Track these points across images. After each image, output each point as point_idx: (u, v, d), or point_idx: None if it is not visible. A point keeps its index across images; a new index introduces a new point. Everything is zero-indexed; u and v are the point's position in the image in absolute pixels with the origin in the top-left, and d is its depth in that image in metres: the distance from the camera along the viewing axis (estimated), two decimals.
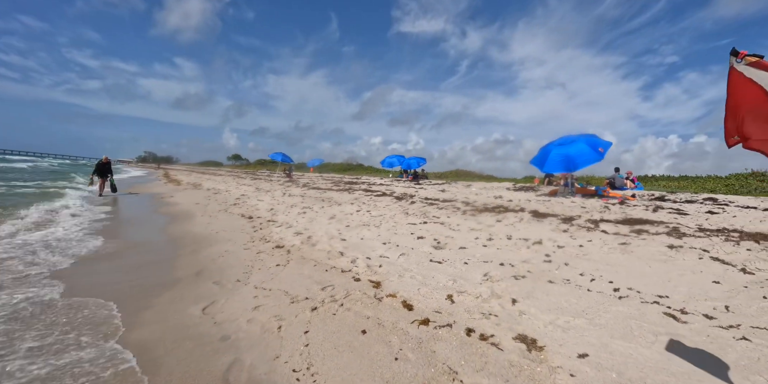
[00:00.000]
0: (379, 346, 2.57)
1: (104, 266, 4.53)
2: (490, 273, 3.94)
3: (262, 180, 22.93)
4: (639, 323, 2.78)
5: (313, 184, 18.03)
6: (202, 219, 8.00)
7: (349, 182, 19.13)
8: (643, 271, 3.94)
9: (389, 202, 9.66)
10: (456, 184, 16.57)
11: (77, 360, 2.45)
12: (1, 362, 2.40)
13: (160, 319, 3.09)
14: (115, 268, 4.44)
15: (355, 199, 10.45)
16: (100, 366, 2.39)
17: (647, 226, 5.82)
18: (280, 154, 23.51)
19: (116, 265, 4.60)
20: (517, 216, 6.84)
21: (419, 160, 23.04)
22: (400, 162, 24.28)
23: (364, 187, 14.49)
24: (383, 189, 13.58)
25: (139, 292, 3.68)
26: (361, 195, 11.56)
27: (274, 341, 2.72)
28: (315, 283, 3.86)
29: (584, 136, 10.49)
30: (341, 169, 46.52)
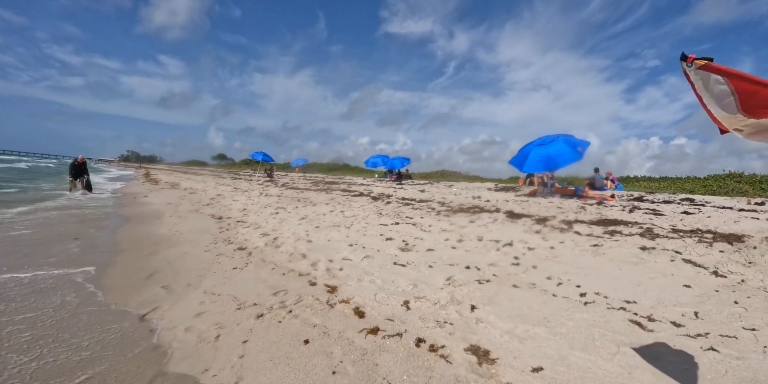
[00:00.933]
0: (319, 357, 2.35)
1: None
2: (454, 277, 3.74)
3: (243, 180, 22.50)
4: (602, 332, 2.60)
5: (293, 183, 17.71)
6: (170, 219, 7.68)
7: (329, 182, 18.87)
8: (614, 275, 3.79)
9: (365, 202, 9.43)
10: (438, 185, 16.45)
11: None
12: None
13: (93, 327, 2.82)
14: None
15: (331, 200, 10.20)
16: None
17: (621, 226, 5.70)
18: (260, 153, 23.09)
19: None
20: (491, 216, 6.67)
21: (403, 160, 22.84)
22: (384, 162, 24.04)
23: (343, 188, 14.24)
24: (362, 189, 13.35)
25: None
26: (338, 195, 11.32)
27: (208, 352, 2.49)
28: (268, 287, 3.62)
29: (563, 136, 10.43)
30: (327, 169, 46.15)
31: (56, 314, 3.03)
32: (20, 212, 7.96)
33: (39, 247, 5.04)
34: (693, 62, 1.81)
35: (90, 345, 2.57)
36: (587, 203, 8.49)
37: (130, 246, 5.39)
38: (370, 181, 20.63)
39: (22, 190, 13.18)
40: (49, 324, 2.85)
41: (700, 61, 1.79)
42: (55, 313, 3.04)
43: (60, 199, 11.03)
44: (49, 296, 3.38)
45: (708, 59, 1.77)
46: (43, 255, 4.68)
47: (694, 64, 1.81)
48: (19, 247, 4.98)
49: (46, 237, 5.69)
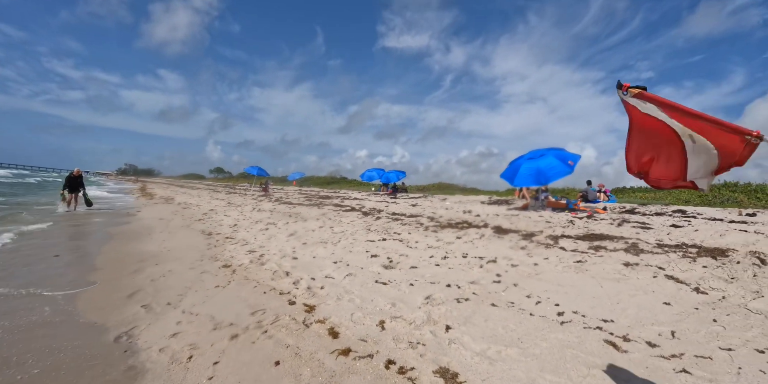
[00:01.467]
0: (287, 379, 2.33)
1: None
2: (433, 295, 3.74)
3: (237, 194, 22.51)
4: (575, 353, 2.59)
5: (286, 198, 17.72)
6: (160, 235, 7.66)
7: (323, 197, 18.89)
8: (594, 292, 3.79)
9: (355, 217, 9.44)
10: (432, 198, 16.48)
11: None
12: None
13: (66, 347, 2.79)
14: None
15: (322, 215, 10.21)
16: None
17: (606, 241, 5.72)
18: (256, 167, 23.14)
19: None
20: (478, 232, 6.69)
21: (398, 174, 22.93)
22: (379, 175, 24.12)
23: (336, 202, 14.26)
24: (354, 204, 13.37)
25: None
26: (329, 210, 11.33)
27: (178, 373, 2.47)
28: (248, 306, 3.60)
29: (553, 150, 10.53)
30: (324, 182, 46.22)
31: (31, 333, 3.01)
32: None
33: (19, 265, 5.02)
34: (628, 90, 1.90)
35: (64, 364, 2.55)
36: (577, 217, 8.53)
37: (115, 264, 5.36)
38: (364, 195, 20.66)
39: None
40: (21, 341, 2.83)
41: (635, 90, 1.90)
42: (29, 333, 3.02)
43: (52, 214, 10.99)
44: (26, 315, 3.36)
45: (641, 88, 1.86)
46: (23, 273, 4.65)
47: (629, 92, 1.90)
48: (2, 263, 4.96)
49: (29, 254, 5.66)
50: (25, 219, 9.45)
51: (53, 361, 2.63)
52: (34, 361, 2.62)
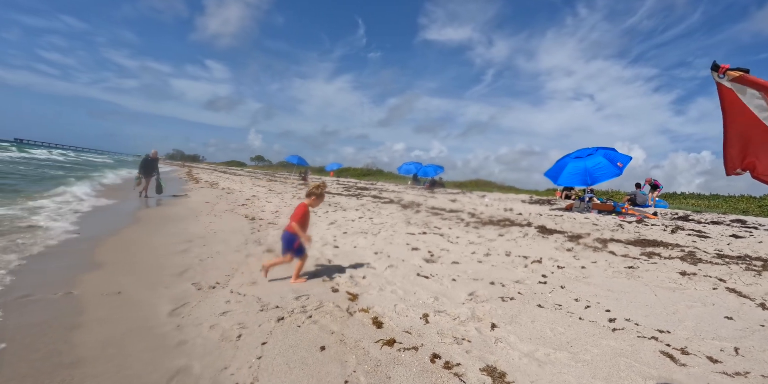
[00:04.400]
0: (333, 365, 2.36)
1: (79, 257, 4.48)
2: (476, 292, 3.68)
3: (278, 182, 23.08)
4: (629, 362, 2.47)
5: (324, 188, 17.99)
6: (206, 218, 7.97)
7: (361, 188, 19.02)
8: (648, 301, 3.60)
9: (394, 209, 9.44)
10: (471, 194, 16.22)
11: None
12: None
13: (122, 318, 2.97)
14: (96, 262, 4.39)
15: (361, 205, 10.28)
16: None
17: (660, 248, 5.42)
18: (296, 156, 23.63)
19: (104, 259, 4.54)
20: (521, 231, 6.51)
21: (437, 168, 22.73)
22: (417, 169, 24.00)
23: (374, 194, 14.32)
24: (393, 196, 13.38)
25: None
26: (368, 201, 11.39)
27: (229, 351, 2.56)
28: (291, 291, 3.68)
29: (602, 149, 10.06)
30: (360, 174, 46.54)
31: (90, 303, 3.22)
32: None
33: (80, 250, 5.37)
34: (726, 73, 1.64)
35: (122, 334, 2.71)
36: (626, 221, 8.14)
37: (165, 243, 5.63)
38: (401, 188, 20.64)
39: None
40: (82, 308, 3.03)
41: (734, 73, 1.61)
42: (90, 302, 3.23)
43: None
44: (85, 285, 3.60)
45: (744, 71, 1.58)
46: (79, 254, 4.98)
47: (726, 76, 1.64)
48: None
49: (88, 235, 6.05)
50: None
51: (111, 330, 2.80)
52: (92, 329, 2.80)
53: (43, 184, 13.00)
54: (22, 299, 3.23)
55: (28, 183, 13.03)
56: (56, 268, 4.14)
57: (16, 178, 14.62)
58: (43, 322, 2.84)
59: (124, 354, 2.48)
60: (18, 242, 4.91)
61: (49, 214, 7.17)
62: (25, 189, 11.05)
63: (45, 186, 12.22)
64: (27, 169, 20.03)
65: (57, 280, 3.75)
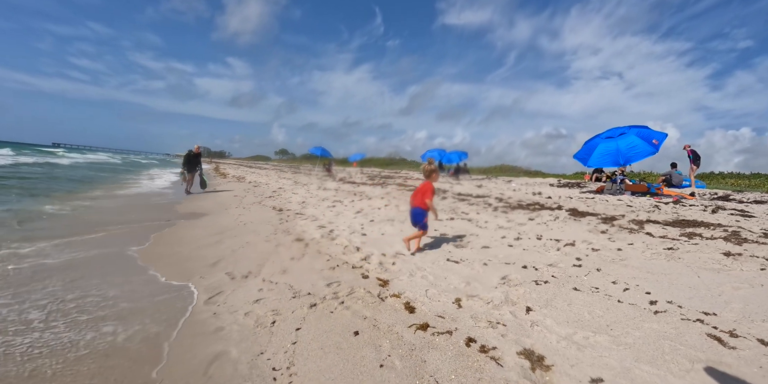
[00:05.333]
0: (367, 349, 2.37)
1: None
2: (509, 276, 3.61)
3: (302, 174, 23.34)
4: (674, 345, 2.37)
5: (350, 178, 18.06)
6: (236, 210, 8.15)
7: (385, 176, 19.00)
8: (690, 282, 3.44)
9: None
10: (496, 180, 15.95)
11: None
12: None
13: (162, 307, 3.07)
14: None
15: (387, 194, 10.27)
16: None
17: (701, 229, 5.17)
18: (319, 148, 23.73)
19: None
20: (552, 214, 6.34)
21: (461, 155, 22.39)
22: (440, 156, 23.73)
23: (398, 182, 14.28)
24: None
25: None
26: (393, 189, 11.35)
27: (264, 336, 2.60)
28: (322, 278, 3.71)
29: (635, 128, 9.62)
30: (384, 163, 46.51)
31: (133, 295, 3.35)
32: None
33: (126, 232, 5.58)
34: None
35: (162, 321, 2.81)
36: (662, 202, 7.80)
37: (198, 234, 5.79)
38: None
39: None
40: (124, 301, 3.15)
41: None
42: (132, 294, 3.36)
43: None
44: (127, 275, 3.74)
45: None
46: (118, 242, 5.17)
47: None
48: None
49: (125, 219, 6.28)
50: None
51: (150, 319, 2.90)
52: (136, 317, 2.91)
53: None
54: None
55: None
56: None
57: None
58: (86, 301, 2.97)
59: (164, 340, 2.57)
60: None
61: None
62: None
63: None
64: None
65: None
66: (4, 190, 9.54)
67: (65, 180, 14.05)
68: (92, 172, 19.95)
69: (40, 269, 3.88)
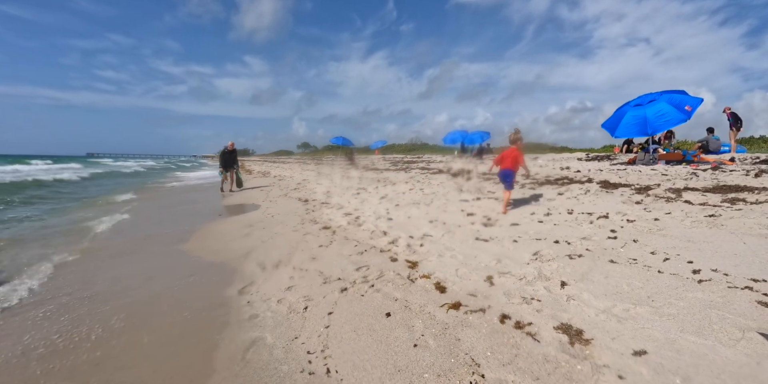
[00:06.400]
0: (400, 330, 2.36)
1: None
2: (541, 252, 3.52)
3: (325, 165, 23.47)
4: (722, 314, 2.25)
5: (372, 165, 18.04)
6: (263, 204, 8.28)
7: (408, 162, 18.88)
8: (735, 250, 3.25)
9: (444, 179, 9.28)
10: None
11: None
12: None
13: (194, 298, 3.16)
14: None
15: (410, 178, 10.19)
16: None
17: (745, 193, 4.88)
18: (340, 138, 23.75)
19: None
20: (582, 188, 6.13)
21: (483, 135, 21.95)
22: (463, 137, 23.32)
23: (422, 166, 14.15)
24: (441, 166, 13.15)
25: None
26: (417, 173, 11.26)
27: (297, 322, 2.64)
28: (351, 263, 3.73)
29: (667, 94, 9.11)
30: (405, 149, 46.23)
31: (173, 282, 3.46)
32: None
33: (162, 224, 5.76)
34: None
35: (200, 311, 2.89)
36: (699, 169, 7.41)
37: (228, 228, 5.92)
38: (449, 158, 20.25)
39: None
40: (173, 287, 3.26)
41: None
42: (178, 283, 3.48)
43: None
44: (170, 268, 3.87)
45: None
46: (158, 239, 5.34)
47: None
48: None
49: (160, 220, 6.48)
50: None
51: (190, 311, 2.98)
52: (173, 309, 3.01)
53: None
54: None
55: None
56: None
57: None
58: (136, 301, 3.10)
59: (203, 329, 2.64)
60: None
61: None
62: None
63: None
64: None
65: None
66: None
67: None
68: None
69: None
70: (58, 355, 2.39)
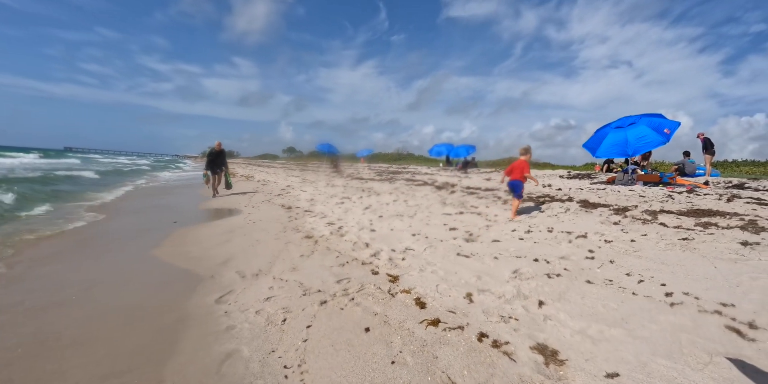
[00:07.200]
0: (378, 346, 2.36)
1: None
2: (520, 269, 3.56)
3: (311, 171, 23.38)
4: (692, 338, 2.31)
5: (358, 174, 18.05)
6: (245, 209, 8.18)
7: (393, 172, 18.96)
8: (707, 273, 3.36)
9: (428, 191, 9.34)
10: None
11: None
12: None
13: (172, 309, 3.09)
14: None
15: (395, 189, 10.23)
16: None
17: (717, 218, 5.06)
18: (327, 144, 23.81)
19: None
20: (563, 206, 6.26)
21: (468, 149, 22.29)
22: (448, 150, 23.62)
23: (407, 177, 14.23)
24: (426, 178, 13.25)
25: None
26: (401, 185, 11.32)
27: (275, 334, 2.61)
28: (332, 275, 3.71)
29: (646, 117, 9.44)
30: (391, 159, 46.39)
31: (145, 292, 3.37)
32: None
33: (141, 233, 5.63)
34: None
35: (174, 322, 2.82)
36: (675, 191, 7.66)
37: (209, 234, 5.82)
38: (434, 170, 20.42)
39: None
40: (139, 299, 3.18)
41: None
42: (145, 291, 3.39)
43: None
44: (144, 278, 3.77)
45: None
46: (138, 243, 5.22)
47: None
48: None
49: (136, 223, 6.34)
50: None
51: (163, 319, 2.91)
52: (144, 319, 2.93)
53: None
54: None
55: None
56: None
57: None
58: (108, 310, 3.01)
59: (177, 340, 2.58)
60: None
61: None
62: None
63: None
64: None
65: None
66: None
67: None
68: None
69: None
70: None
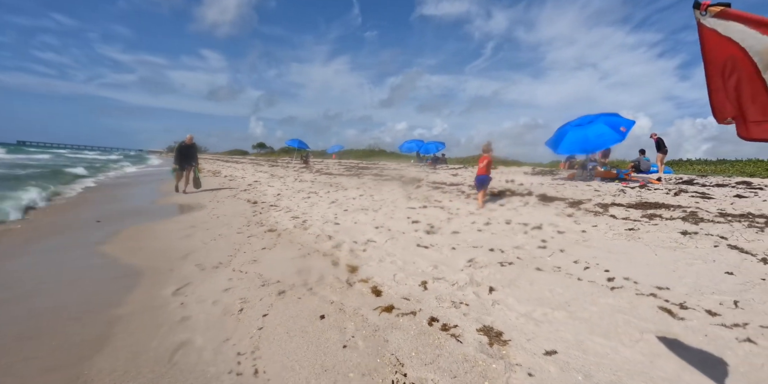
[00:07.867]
0: (332, 332, 2.41)
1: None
2: (476, 259, 3.69)
3: (280, 167, 23.08)
4: (627, 318, 2.49)
5: (327, 169, 17.98)
6: (209, 204, 8.00)
7: (362, 168, 19.00)
8: (648, 260, 3.60)
9: (395, 186, 9.44)
10: (473, 169, 16.13)
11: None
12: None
13: (126, 302, 3.02)
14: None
15: (362, 184, 10.27)
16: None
17: (662, 210, 5.38)
18: (296, 140, 23.57)
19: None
20: (522, 200, 6.49)
21: (438, 145, 22.58)
22: (418, 147, 23.86)
23: (375, 172, 14.30)
24: (394, 174, 13.36)
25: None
26: (369, 180, 11.38)
27: (231, 324, 2.61)
28: (293, 266, 3.72)
29: (604, 116, 9.87)
30: (363, 155, 46.31)
31: (99, 286, 3.28)
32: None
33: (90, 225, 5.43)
34: (707, 9, 1.56)
35: (129, 314, 2.77)
36: (628, 186, 8.07)
37: (169, 228, 5.68)
38: (403, 166, 20.60)
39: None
40: (90, 293, 3.09)
41: (715, 8, 1.54)
42: (107, 285, 3.30)
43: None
44: (95, 272, 3.66)
45: (725, 5, 1.52)
46: (89, 236, 5.04)
47: (708, 12, 1.56)
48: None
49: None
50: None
51: (118, 311, 2.85)
52: (99, 312, 2.86)
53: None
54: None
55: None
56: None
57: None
58: (57, 307, 2.91)
59: (130, 331, 2.53)
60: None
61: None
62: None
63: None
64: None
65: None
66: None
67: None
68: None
69: None
70: None
